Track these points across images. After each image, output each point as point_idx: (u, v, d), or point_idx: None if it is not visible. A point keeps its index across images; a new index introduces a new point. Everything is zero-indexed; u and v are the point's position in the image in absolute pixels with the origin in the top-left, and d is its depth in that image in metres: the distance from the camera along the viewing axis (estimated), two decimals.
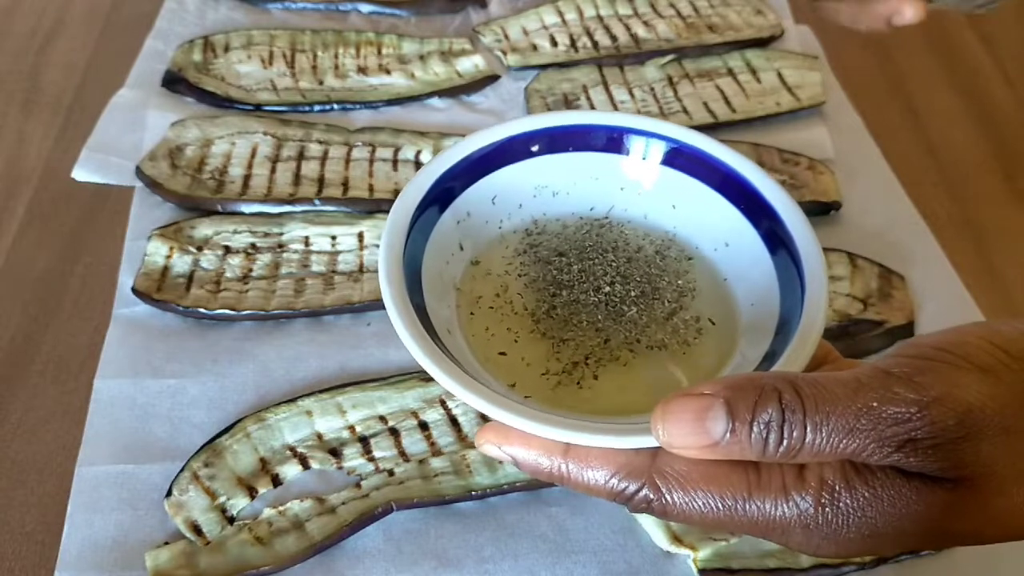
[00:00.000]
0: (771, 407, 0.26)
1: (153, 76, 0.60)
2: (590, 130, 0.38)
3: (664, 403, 0.27)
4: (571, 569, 0.39)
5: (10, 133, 0.59)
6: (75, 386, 0.45)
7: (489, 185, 0.38)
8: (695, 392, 0.27)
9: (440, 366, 0.30)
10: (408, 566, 0.38)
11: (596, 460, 0.29)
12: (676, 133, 0.38)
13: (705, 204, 0.37)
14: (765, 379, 0.26)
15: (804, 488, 0.27)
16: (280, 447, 0.42)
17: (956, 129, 0.63)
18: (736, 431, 0.26)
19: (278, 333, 0.47)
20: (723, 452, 0.26)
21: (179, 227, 0.51)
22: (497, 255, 0.38)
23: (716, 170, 0.37)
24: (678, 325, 0.35)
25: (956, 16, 0.72)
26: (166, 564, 0.38)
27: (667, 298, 0.36)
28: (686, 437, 0.26)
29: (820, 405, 0.25)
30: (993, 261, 0.54)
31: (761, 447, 0.26)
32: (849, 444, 0.25)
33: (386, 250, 0.33)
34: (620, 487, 0.28)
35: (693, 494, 0.27)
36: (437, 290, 0.35)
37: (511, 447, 0.30)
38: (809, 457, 0.26)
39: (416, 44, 0.65)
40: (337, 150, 0.56)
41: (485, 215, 0.38)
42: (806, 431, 0.25)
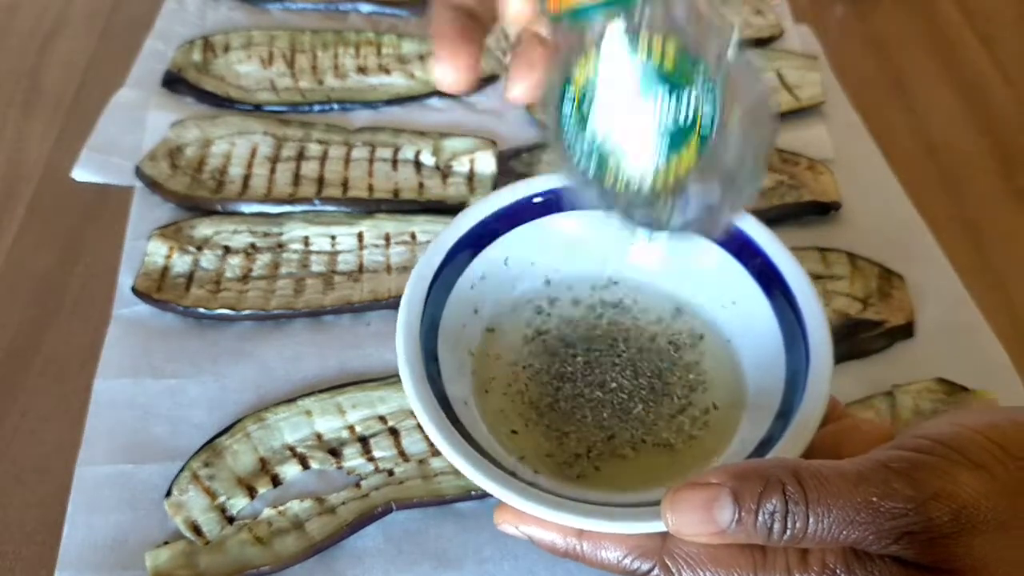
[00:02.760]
0: (775, 498, 0.27)
1: (153, 76, 0.60)
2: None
3: (673, 492, 0.28)
4: (571, 569, 0.39)
5: (10, 133, 0.59)
6: (75, 386, 0.45)
7: (502, 246, 0.38)
8: (702, 482, 0.28)
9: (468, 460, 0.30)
10: (408, 566, 0.38)
11: (609, 541, 0.31)
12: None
13: (714, 264, 0.37)
14: (770, 469, 0.28)
15: (807, 571, 0.28)
16: (280, 447, 0.42)
17: (956, 129, 0.63)
18: (743, 520, 0.27)
19: (278, 333, 0.47)
20: (730, 538, 0.28)
21: (179, 227, 0.51)
22: (510, 324, 0.38)
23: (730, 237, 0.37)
24: (684, 422, 0.36)
25: (956, 16, 0.72)
26: (166, 564, 0.38)
27: (676, 394, 0.36)
28: (695, 525, 0.28)
29: (822, 497, 0.27)
30: (993, 261, 0.54)
31: (766, 534, 0.27)
32: (850, 535, 0.27)
33: (404, 328, 0.33)
34: (633, 567, 0.30)
35: (702, 574, 0.29)
36: (454, 358, 0.35)
37: (528, 528, 0.32)
38: (812, 544, 0.27)
39: (416, 44, 0.65)
40: (337, 150, 0.56)
41: (499, 277, 0.38)
42: (808, 521, 0.27)
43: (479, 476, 0.30)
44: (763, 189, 0.54)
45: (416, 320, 0.34)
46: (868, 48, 0.69)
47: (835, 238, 0.52)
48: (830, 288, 0.50)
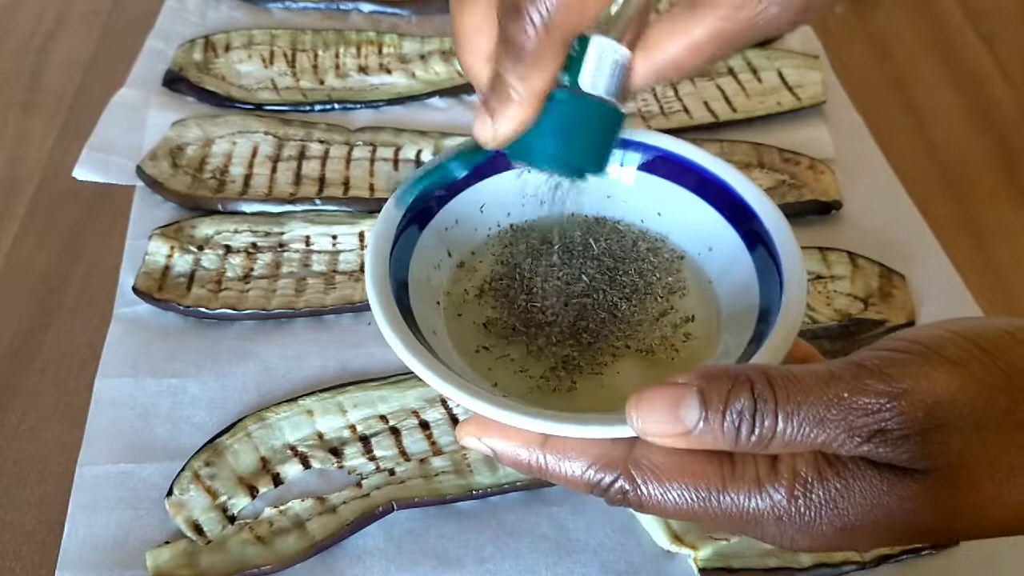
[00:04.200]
0: (743, 396, 0.26)
1: (154, 75, 0.60)
2: None
3: (639, 392, 0.27)
4: (571, 568, 0.39)
5: (10, 133, 0.59)
6: (75, 386, 0.45)
7: (477, 194, 0.38)
8: (669, 382, 0.27)
9: (422, 361, 0.30)
10: (409, 565, 0.38)
11: (573, 452, 0.29)
12: (656, 140, 0.38)
13: (689, 209, 0.38)
14: (739, 370, 0.27)
15: (777, 479, 0.27)
16: (281, 446, 0.42)
17: (956, 129, 0.63)
18: (709, 420, 0.26)
19: (279, 332, 0.47)
20: (696, 441, 0.27)
21: (180, 226, 0.51)
22: (484, 256, 0.38)
23: (694, 174, 0.38)
24: (667, 328, 0.35)
25: (956, 16, 0.72)
26: (167, 563, 0.38)
27: (658, 294, 0.36)
28: (660, 424, 0.27)
29: (792, 395, 0.26)
30: (994, 260, 0.54)
31: (733, 436, 0.26)
32: (820, 434, 0.26)
33: (372, 253, 0.33)
34: (596, 478, 0.29)
35: (668, 485, 0.28)
36: (424, 294, 0.35)
37: (490, 439, 0.30)
38: (781, 447, 0.26)
39: (417, 43, 0.65)
40: (338, 149, 0.56)
41: (473, 223, 0.38)
42: (777, 420, 0.26)
43: (439, 381, 0.30)
44: (764, 188, 0.54)
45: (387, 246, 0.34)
46: (869, 48, 0.69)
47: (836, 237, 0.52)
48: (831, 288, 0.50)
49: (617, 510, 0.40)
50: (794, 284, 0.33)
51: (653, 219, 0.39)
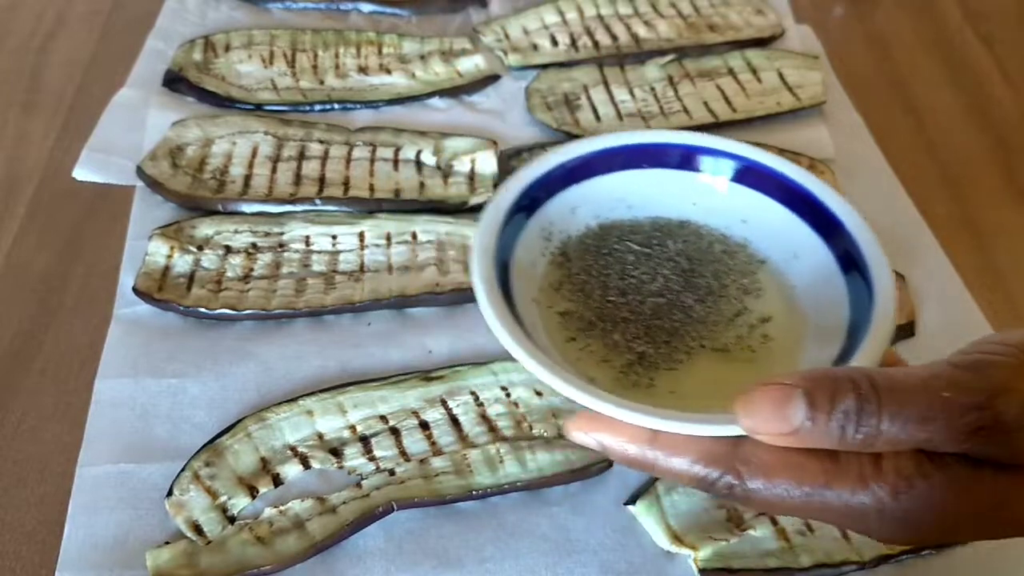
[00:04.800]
0: (848, 398, 0.27)
1: (154, 76, 0.60)
2: (664, 148, 0.41)
3: (747, 392, 0.29)
4: (571, 568, 0.39)
5: (10, 133, 0.59)
6: (75, 386, 0.45)
7: (569, 197, 0.40)
8: (775, 382, 0.28)
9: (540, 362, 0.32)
10: (409, 566, 0.38)
11: (681, 448, 0.30)
12: (746, 152, 0.40)
13: (775, 219, 0.39)
14: (842, 372, 0.28)
15: (881, 477, 0.28)
16: (281, 447, 0.42)
17: (956, 129, 0.63)
18: (815, 420, 0.27)
19: (279, 333, 0.47)
20: (802, 440, 0.28)
21: (180, 227, 0.51)
22: (569, 253, 0.40)
23: (785, 187, 0.39)
24: (742, 328, 0.37)
25: (956, 16, 0.72)
26: (167, 563, 0.38)
27: (732, 296, 0.38)
28: (768, 423, 0.28)
29: (895, 396, 0.27)
30: (994, 260, 0.54)
31: (838, 435, 0.27)
32: (923, 433, 0.27)
33: (479, 251, 0.35)
34: (703, 473, 0.30)
35: (774, 481, 0.29)
36: (525, 284, 0.37)
37: (599, 434, 0.31)
38: (884, 446, 0.28)
39: (417, 44, 0.65)
40: (338, 150, 0.56)
41: (566, 225, 0.40)
42: (881, 421, 0.27)
43: (559, 382, 0.31)
44: None
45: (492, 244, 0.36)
46: (868, 48, 0.70)
47: None
48: None
49: (617, 510, 0.40)
50: (886, 292, 0.34)
51: (738, 226, 0.40)
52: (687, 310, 0.37)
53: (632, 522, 0.40)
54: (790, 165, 0.39)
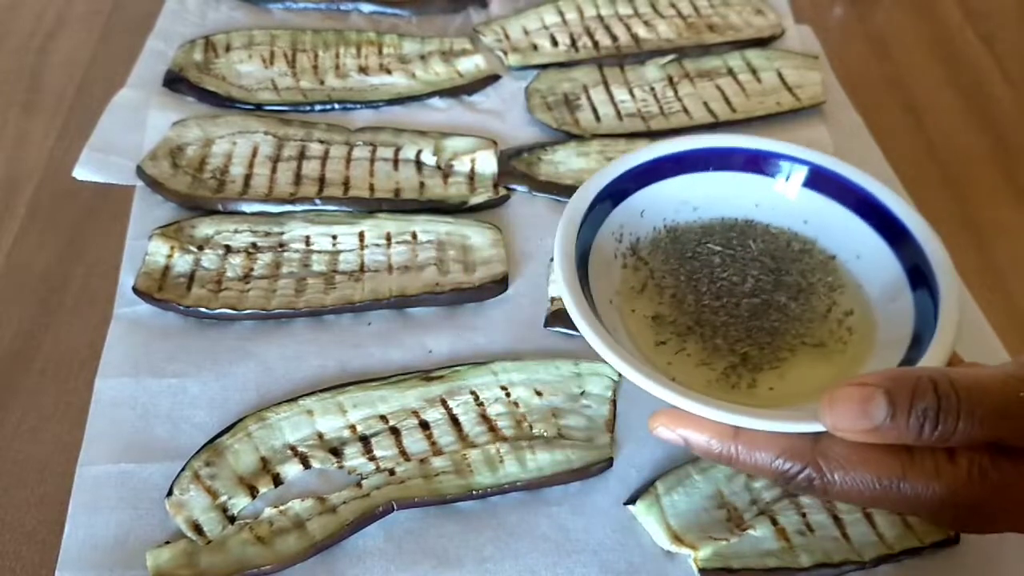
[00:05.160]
0: (928, 396, 0.29)
1: (154, 76, 0.60)
2: (729, 152, 0.43)
3: (831, 392, 0.30)
4: (571, 568, 0.39)
5: (10, 133, 0.59)
6: (75, 386, 0.45)
7: (638, 200, 0.42)
8: (858, 382, 0.30)
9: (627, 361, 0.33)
10: (409, 565, 0.38)
11: (763, 443, 0.32)
12: (812, 157, 0.42)
13: (837, 221, 0.41)
14: (922, 372, 0.30)
15: (955, 470, 0.30)
16: (281, 446, 0.42)
17: (956, 129, 0.63)
18: (896, 417, 0.29)
19: (279, 332, 0.47)
20: (882, 436, 0.30)
21: (180, 226, 0.51)
22: (645, 257, 0.41)
23: (848, 191, 0.41)
24: (833, 323, 0.39)
25: (956, 16, 0.72)
26: (167, 563, 0.38)
27: (821, 292, 0.39)
28: (850, 421, 0.30)
29: (973, 394, 0.29)
30: (994, 260, 0.54)
31: (917, 432, 0.29)
32: (997, 430, 0.29)
33: (561, 256, 0.37)
34: (784, 467, 0.32)
35: (852, 474, 0.31)
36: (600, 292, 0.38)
37: (684, 430, 0.33)
38: (960, 442, 0.29)
39: (417, 44, 0.65)
40: (338, 150, 0.56)
41: (635, 228, 0.42)
42: (959, 418, 0.29)
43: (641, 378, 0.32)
44: None
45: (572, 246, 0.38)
46: (868, 48, 0.70)
47: None
48: None
49: (617, 510, 0.40)
50: (951, 291, 0.36)
51: (799, 227, 0.42)
52: (783, 309, 0.39)
53: (632, 522, 0.40)
54: (854, 170, 0.41)
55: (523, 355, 0.46)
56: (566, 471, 0.41)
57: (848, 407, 0.30)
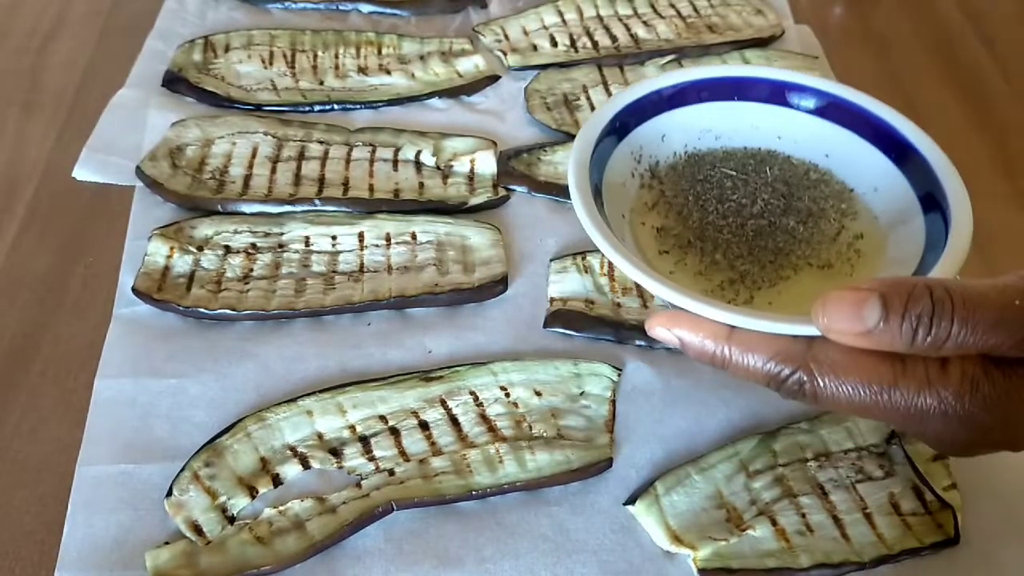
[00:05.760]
0: (922, 302, 0.29)
1: (153, 76, 0.60)
2: (753, 82, 0.43)
3: (825, 295, 0.30)
4: (571, 568, 0.39)
5: (10, 133, 0.59)
6: (75, 386, 0.45)
7: (660, 124, 0.42)
8: (853, 287, 0.30)
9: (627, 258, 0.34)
10: (408, 565, 0.38)
11: (757, 346, 0.32)
12: (833, 88, 0.43)
13: (857, 153, 0.42)
14: (918, 279, 0.30)
15: (946, 379, 0.30)
16: (281, 447, 0.42)
17: (956, 129, 0.63)
18: (889, 321, 0.29)
19: (278, 333, 0.47)
20: (875, 341, 0.30)
21: (180, 227, 0.51)
22: (661, 178, 0.42)
23: (868, 122, 0.42)
24: (842, 245, 0.39)
25: (956, 16, 0.72)
26: (166, 564, 0.38)
27: (832, 217, 0.40)
28: (843, 323, 0.30)
29: (968, 301, 0.29)
30: (993, 261, 0.54)
31: (910, 337, 0.29)
32: (991, 338, 0.29)
33: (575, 167, 0.37)
34: (776, 370, 0.32)
35: (843, 379, 0.31)
36: (613, 206, 0.39)
37: (680, 330, 0.33)
38: (953, 350, 0.29)
39: (416, 44, 0.65)
40: (337, 150, 0.56)
41: (655, 151, 0.43)
42: (953, 324, 0.29)
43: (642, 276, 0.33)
44: None
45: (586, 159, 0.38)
46: (868, 48, 0.70)
47: None
48: None
49: (617, 510, 0.40)
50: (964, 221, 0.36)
51: (820, 159, 0.42)
52: (791, 231, 0.39)
53: (632, 522, 0.40)
54: (875, 102, 0.42)
55: (523, 355, 0.46)
56: (566, 471, 0.41)
57: (842, 308, 0.30)
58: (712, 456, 0.42)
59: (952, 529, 0.40)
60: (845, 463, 0.42)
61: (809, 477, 0.41)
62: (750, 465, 0.42)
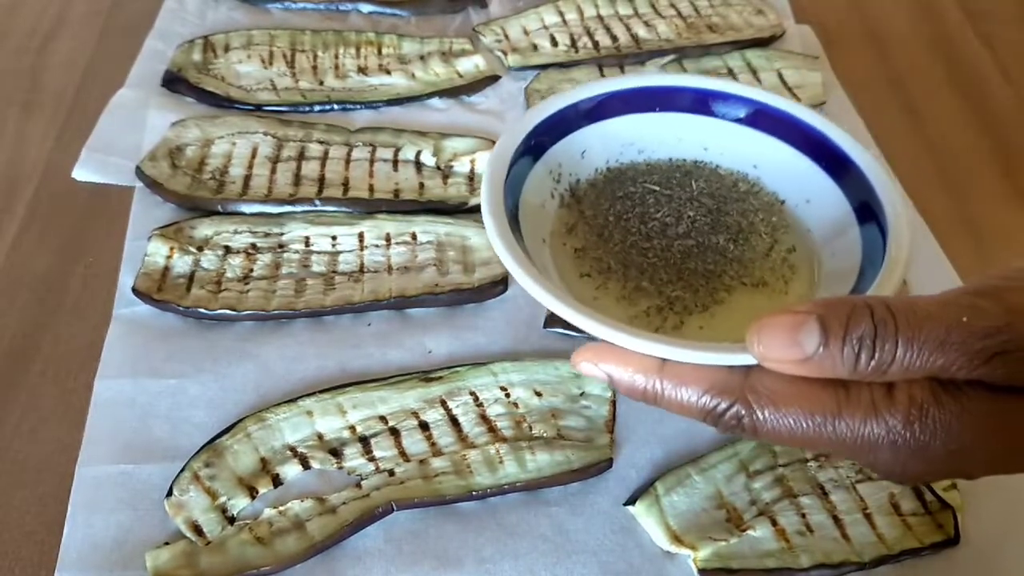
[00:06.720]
0: (864, 323, 0.27)
1: (153, 76, 0.60)
2: (676, 91, 0.40)
3: (759, 320, 0.28)
4: (571, 569, 0.39)
5: (10, 133, 0.59)
6: (75, 386, 0.45)
7: (579, 140, 0.40)
8: (789, 310, 0.28)
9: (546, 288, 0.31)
10: (408, 566, 0.38)
11: (690, 378, 0.29)
12: (760, 96, 0.40)
13: (787, 163, 0.39)
14: (858, 298, 0.28)
15: (893, 405, 0.27)
16: (280, 447, 0.42)
17: (956, 129, 0.63)
18: (829, 346, 0.27)
19: (278, 333, 0.47)
20: (815, 367, 0.27)
21: (179, 227, 0.51)
22: (582, 197, 0.39)
23: (798, 130, 0.39)
24: (776, 261, 0.37)
25: (956, 16, 0.72)
26: (166, 564, 0.38)
27: (763, 232, 0.38)
28: (780, 350, 0.27)
29: (912, 320, 0.27)
30: (993, 261, 0.54)
31: (852, 362, 0.27)
32: (939, 359, 0.26)
33: (488, 189, 0.35)
34: (712, 404, 0.29)
35: (784, 411, 0.28)
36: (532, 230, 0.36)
37: (607, 364, 0.31)
38: (899, 373, 0.27)
39: (416, 44, 0.65)
40: (337, 150, 0.56)
41: (575, 168, 0.40)
42: (897, 346, 0.26)
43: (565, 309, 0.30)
44: None
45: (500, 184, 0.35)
46: (868, 48, 0.69)
47: None
48: None
49: (616, 510, 0.40)
50: (900, 231, 0.34)
51: (749, 171, 0.40)
52: (720, 250, 0.37)
53: (631, 522, 0.40)
54: (804, 109, 0.39)
55: (523, 356, 0.46)
56: (566, 472, 0.41)
57: (777, 335, 0.27)
58: (712, 456, 0.42)
59: (952, 529, 0.40)
60: (845, 463, 0.42)
61: (809, 477, 0.41)
62: (750, 465, 0.42)
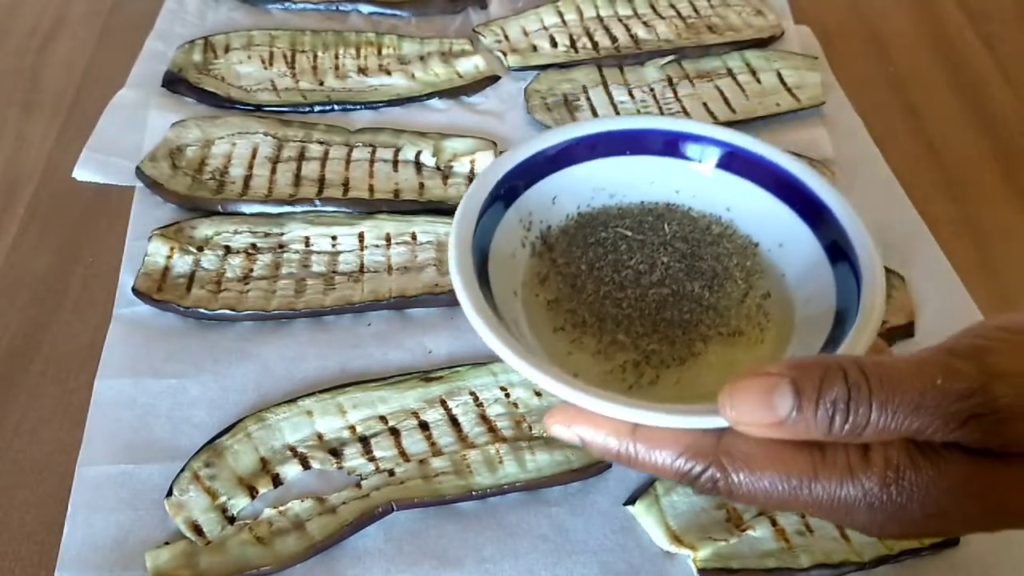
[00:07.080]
0: (837, 386, 0.26)
1: (153, 76, 0.60)
2: (646, 134, 0.40)
3: (731, 383, 0.28)
4: (571, 569, 0.39)
5: (10, 133, 0.59)
6: (75, 386, 0.45)
7: (549, 186, 0.39)
8: (762, 372, 0.27)
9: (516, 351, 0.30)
10: (408, 566, 0.38)
11: (663, 441, 0.29)
12: (731, 138, 0.39)
13: (759, 206, 0.38)
14: (830, 360, 0.27)
15: (869, 468, 0.27)
16: (281, 447, 0.42)
17: (956, 129, 0.63)
18: (803, 409, 0.26)
19: (279, 333, 0.47)
20: (789, 431, 0.27)
21: (180, 227, 0.51)
22: (553, 245, 0.38)
23: (770, 173, 0.38)
24: (751, 308, 0.36)
25: (956, 16, 0.72)
26: (166, 564, 0.38)
27: (738, 277, 0.37)
28: (753, 414, 0.27)
29: (885, 383, 0.26)
30: (993, 260, 0.54)
31: (827, 425, 0.26)
32: (914, 422, 0.26)
33: (456, 242, 0.34)
34: (687, 467, 0.29)
35: (759, 474, 0.28)
36: (502, 281, 0.35)
37: (580, 427, 0.30)
38: (874, 435, 0.26)
39: (416, 45, 0.65)
40: (337, 151, 0.56)
41: (546, 215, 0.39)
42: (871, 409, 0.26)
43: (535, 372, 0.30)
44: None
45: (469, 235, 0.34)
46: (868, 48, 0.69)
47: None
48: None
49: (616, 510, 0.40)
50: (874, 281, 0.33)
51: (722, 213, 0.39)
52: (696, 298, 0.36)
53: (631, 522, 0.40)
54: (776, 152, 0.38)
55: None
56: (565, 471, 0.41)
57: (750, 399, 0.27)
58: None
59: None
60: None
61: None
62: None
